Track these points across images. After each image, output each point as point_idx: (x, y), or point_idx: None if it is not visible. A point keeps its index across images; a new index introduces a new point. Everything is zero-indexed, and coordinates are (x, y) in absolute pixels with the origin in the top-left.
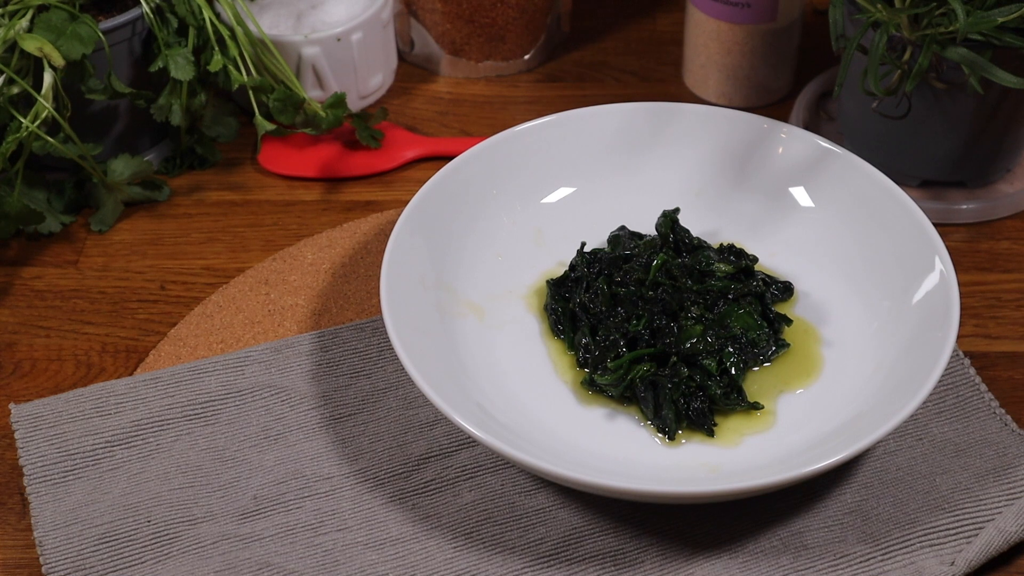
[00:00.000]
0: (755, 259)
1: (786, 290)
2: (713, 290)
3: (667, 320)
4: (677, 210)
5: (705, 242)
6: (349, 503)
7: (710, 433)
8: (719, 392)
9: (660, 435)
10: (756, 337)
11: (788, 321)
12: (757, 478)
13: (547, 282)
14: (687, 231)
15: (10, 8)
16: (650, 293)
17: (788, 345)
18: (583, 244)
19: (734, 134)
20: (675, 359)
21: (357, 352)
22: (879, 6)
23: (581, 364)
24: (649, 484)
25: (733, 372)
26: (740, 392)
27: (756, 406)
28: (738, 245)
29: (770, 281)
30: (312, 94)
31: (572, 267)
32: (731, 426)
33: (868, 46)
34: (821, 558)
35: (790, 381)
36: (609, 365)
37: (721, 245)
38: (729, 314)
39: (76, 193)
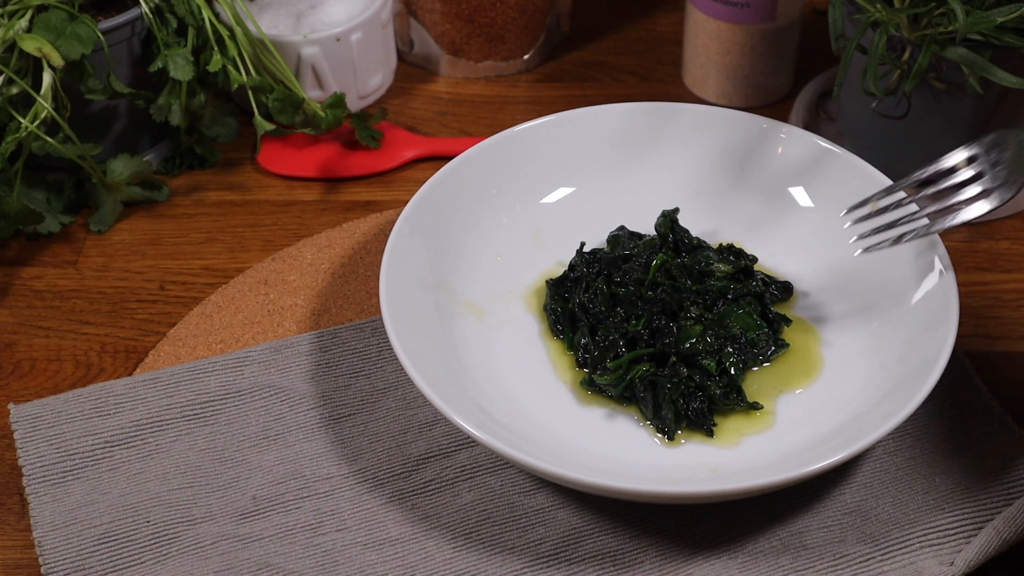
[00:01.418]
0: (754, 259)
1: (785, 290)
2: (712, 290)
3: (667, 320)
4: (676, 210)
5: (704, 242)
6: (348, 503)
7: (709, 433)
8: (718, 392)
9: (659, 435)
10: (756, 337)
11: (788, 321)
12: (757, 478)
13: (546, 282)
14: (686, 231)
15: (9, 8)
16: (649, 293)
17: (787, 345)
18: (582, 244)
19: (734, 134)
20: (675, 359)
21: (356, 352)
22: (879, 6)
23: (580, 364)
24: (649, 484)
25: (732, 372)
26: (740, 392)
27: (756, 406)
28: (737, 245)
29: (769, 281)
30: (311, 94)
31: (571, 267)
32: (731, 426)
33: (868, 46)
34: (821, 558)
35: (790, 381)
36: (608, 365)
37: (720, 245)
38: (728, 314)
39: (75, 193)
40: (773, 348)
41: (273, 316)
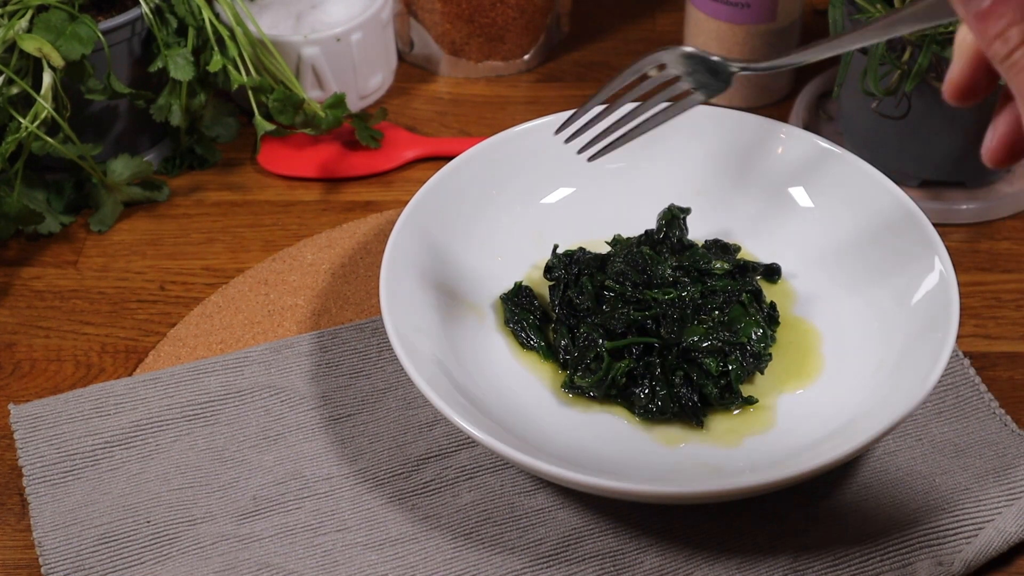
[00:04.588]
0: (738, 248)
1: (773, 272)
2: (717, 290)
3: (675, 316)
4: (688, 210)
5: (692, 241)
6: (349, 503)
7: (700, 424)
8: (715, 392)
9: (646, 423)
10: (761, 350)
11: (777, 322)
12: (757, 478)
13: (500, 298)
14: (684, 231)
15: (10, 8)
16: (665, 296)
17: (771, 357)
18: (556, 247)
19: (734, 134)
20: (656, 348)
21: (357, 352)
22: (879, 6)
23: (563, 367)
24: (649, 484)
25: (732, 378)
26: (736, 392)
27: (751, 400)
28: (734, 244)
29: (758, 267)
30: (312, 94)
31: (549, 268)
32: (731, 426)
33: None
34: (821, 558)
35: (790, 381)
36: (591, 365)
37: (706, 241)
38: (738, 319)
39: (76, 193)
40: (769, 356)
41: (273, 316)
